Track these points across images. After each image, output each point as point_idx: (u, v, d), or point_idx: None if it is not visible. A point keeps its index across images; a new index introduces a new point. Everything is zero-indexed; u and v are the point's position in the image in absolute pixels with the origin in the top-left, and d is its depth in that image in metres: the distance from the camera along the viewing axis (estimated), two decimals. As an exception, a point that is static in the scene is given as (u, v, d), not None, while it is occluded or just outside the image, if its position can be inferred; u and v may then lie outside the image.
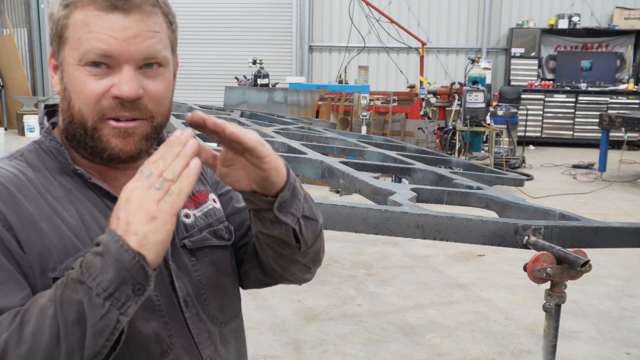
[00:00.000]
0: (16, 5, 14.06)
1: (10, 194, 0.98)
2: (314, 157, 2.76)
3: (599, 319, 4.14)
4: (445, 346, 3.71)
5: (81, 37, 0.98)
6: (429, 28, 13.37)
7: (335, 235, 5.75)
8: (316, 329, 3.89)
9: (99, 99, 0.99)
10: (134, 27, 0.98)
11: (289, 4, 13.40)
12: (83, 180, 1.06)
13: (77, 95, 1.00)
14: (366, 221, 1.61)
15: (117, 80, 0.98)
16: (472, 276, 4.93)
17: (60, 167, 1.06)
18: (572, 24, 12.63)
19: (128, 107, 1.00)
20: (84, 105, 1.00)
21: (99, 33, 0.97)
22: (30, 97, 13.08)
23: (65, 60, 1.01)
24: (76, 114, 1.01)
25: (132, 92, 0.98)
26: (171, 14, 1.06)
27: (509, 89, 11.90)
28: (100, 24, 0.97)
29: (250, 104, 9.07)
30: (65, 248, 0.98)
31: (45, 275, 0.96)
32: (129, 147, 1.03)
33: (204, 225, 1.17)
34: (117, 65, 0.98)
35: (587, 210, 7.07)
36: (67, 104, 1.03)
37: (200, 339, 1.11)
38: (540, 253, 1.51)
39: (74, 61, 0.99)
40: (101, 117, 1.00)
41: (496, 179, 3.16)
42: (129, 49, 0.97)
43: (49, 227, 0.98)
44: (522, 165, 9.94)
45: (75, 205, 1.03)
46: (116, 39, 0.97)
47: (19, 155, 1.07)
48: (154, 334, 1.03)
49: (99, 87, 0.99)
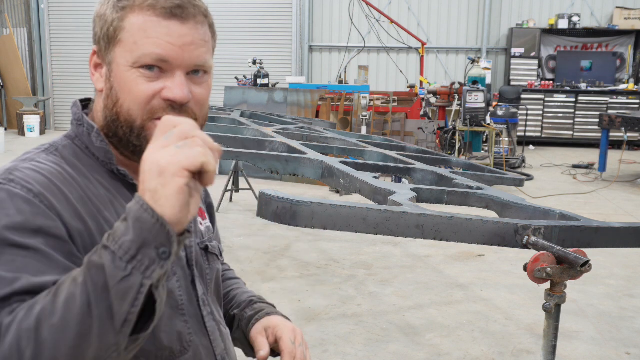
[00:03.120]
0: (16, 5, 14.05)
1: (58, 189, 0.98)
2: (314, 157, 2.76)
3: (599, 319, 4.14)
4: (445, 346, 3.71)
5: (138, 41, 1.01)
6: (429, 28, 13.36)
7: (335, 235, 5.75)
8: (316, 329, 3.89)
9: (149, 99, 1.02)
10: (189, 35, 1.02)
11: (289, 4, 13.40)
12: (122, 180, 1.07)
13: (128, 95, 1.02)
14: (366, 221, 1.61)
15: (170, 84, 1.02)
16: (472, 276, 4.93)
17: (98, 165, 1.07)
18: (572, 24, 12.63)
19: (177, 109, 1.03)
20: (134, 105, 1.03)
21: (157, 39, 1.00)
22: (30, 97, 13.08)
23: (115, 60, 1.03)
24: (124, 113, 1.04)
25: (184, 96, 1.02)
26: (214, 25, 1.12)
27: (509, 89, 11.90)
28: (159, 30, 1.00)
29: (250, 104, 9.07)
30: None
31: None
32: None
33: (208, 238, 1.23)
34: (170, 70, 1.02)
35: (587, 210, 7.07)
36: (112, 103, 1.05)
37: (214, 337, 1.15)
38: (540, 253, 1.51)
39: (126, 62, 1.02)
40: (150, 116, 1.03)
41: (496, 179, 3.16)
42: (184, 55, 1.02)
43: (93, 225, 0.99)
44: (522, 165, 9.95)
45: (114, 205, 1.04)
46: (173, 45, 1.01)
47: (53, 150, 1.06)
48: (176, 332, 1.06)
49: (151, 89, 1.02)
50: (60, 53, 13.88)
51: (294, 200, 1.59)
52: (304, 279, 4.79)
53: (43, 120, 13.00)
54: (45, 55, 13.85)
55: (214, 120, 4.26)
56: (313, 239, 5.82)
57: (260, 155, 2.82)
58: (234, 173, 7.07)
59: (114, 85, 1.04)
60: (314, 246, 5.63)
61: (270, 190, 1.67)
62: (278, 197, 1.60)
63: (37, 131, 12.68)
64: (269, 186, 8.01)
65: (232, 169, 7.08)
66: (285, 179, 8.62)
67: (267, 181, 8.49)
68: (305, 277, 4.82)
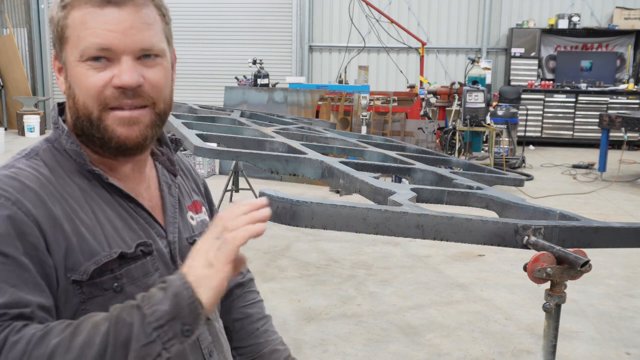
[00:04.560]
0: (16, 5, 14.05)
1: (36, 194, 0.99)
2: (314, 157, 2.76)
3: (599, 319, 4.14)
4: (445, 346, 3.71)
5: (80, 34, 1.01)
6: (429, 28, 13.36)
7: (335, 235, 5.75)
8: (316, 329, 3.89)
9: (101, 90, 1.03)
10: (128, 20, 1.02)
11: (289, 4, 13.39)
12: (98, 179, 1.08)
13: (81, 90, 1.04)
14: (366, 221, 1.61)
15: (117, 71, 1.02)
16: (472, 276, 4.93)
17: (76, 167, 1.08)
18: (572, 24, 12.63)
19: (130, 94, 1.04)
20: (88, 98, 1.03)
21: (95, 29, 1.01)
22: (30, 97, 13.08)
23: (67, 59, 1.04)
24: (81, 108, 1.05)
25: (132, 80, 1.02)
26: (163, 7, 1.09)
27: (509, 89, 11.90)
28: (96, 20, 1.01)
29: (250, 104, 9.07)
30: (84, 250, 1.00)
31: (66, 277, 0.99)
32: (134, 135, 1.06)
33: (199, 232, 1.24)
34: (115, 57, 1.02)
35: (587, 210, 7.07)
36: (72, 101, 1.06)
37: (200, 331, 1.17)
38: (540, 253, 1.51)
39: (75, 58, 1.03)
40: (104, 106, 1.04)
41: (496, 179, 3.16)
42: (126, 40, 1.02)
43: (70, 228, 1.00)
44: (522, 165, 9.94)
45: (91, 206, 1.05)
46: (112, 32, 1.01)
47: (34, 154, 1.08)
48: None
49: (101, 79, 1.02)
50: (60, 53, 13.89)
51: (294, 200, 1.59)
52: (304, 279, 4.79)
53: (43, 120, 13.00)
54: (45, 55, 13.85)
55: (214, 120, 4.26)
56: (313, 239, 5.82)
57: (260, 155, 2.82)
58: (234, 173, 7.07)
59: (70, 83, 1.05)
60: (314, 246, 5.63)
61: (270, 190, 1.67)
62: (278, 197, 1.60)
63: (37, 131, 12.67)
64: (269, 186, 8.01)
65: (232, 169, 7.08)
66: (285, 179, 8.62)
67: (267, 181, 8.49)
68: (305, 277, 4.82)
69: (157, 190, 1.19)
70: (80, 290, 0.99)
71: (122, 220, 1.08)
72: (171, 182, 1.23)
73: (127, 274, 1.04)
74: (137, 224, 1.10)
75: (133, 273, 1.05)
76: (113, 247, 1.03)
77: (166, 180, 1.22)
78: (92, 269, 1.00)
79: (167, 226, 1.16)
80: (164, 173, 1.23)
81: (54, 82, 14.02)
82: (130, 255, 1.05)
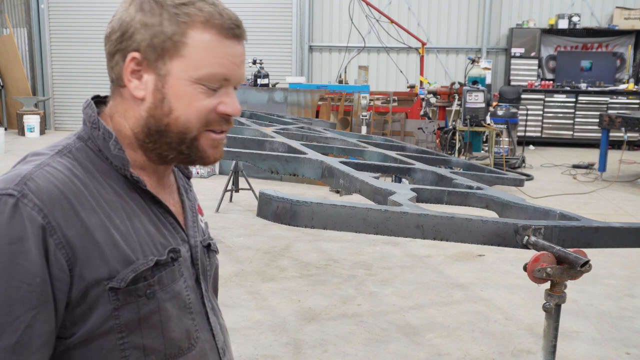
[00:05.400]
0: (16, 5, 14.05)
1: (69, 203, 0.98)
2: (314, 157, 2.76)
3: (599, 319, 4.14)
4: (445, 346, 3.71)
5: (204, 59, 1.04)
6: (429, 28, 13.36)
7: (335, 235, 5.76)
8: (316, 329, 3.89)
9: (207, 113, 1.06)
10: (243, 55, 1.09)
11: (289, 4, 13.40)
12: (134, 185, 1.08)
13: (187, 108, 1.05)
14: (366, 221, 1.61)
15: (225, 99, 1.07)
16: (472, 276, 4.93)
17: (111, 169, 1.07)
18: (572, 24, 12.63)
19: (228, 122, 1.10)
20: (193, 118, 1.06)
21: (222, 59, 1.05)
22: (30, 97, 13.07)
23: (171, 72, 1.05)
24: (180, 125, 1.06)
25: (238, 110, 1.09)
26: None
27: (509, 89, 11.90)
28: (222, 50, 1.05)
29: (250, 104, 9.07)
30: (118, 258, 1.00)
31: (100, 285, 0.99)
32: (218, 155, 1.12)
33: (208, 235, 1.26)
34: (225, 86, 1.07)
35: (587, 210, 7.07)
36: (162, 114, 1.06)
37: (216, 331, 1.18)
38: (540, 253, 1.51)
39: (189, 77, 1.04)
40: (205, 128, 1.08)
41: (496, 179, 3.16)
42: (239, 74, 1.08)
43: (103, 236, 1.00)
44: (522, 165, 9.94)
45: (126, 211, 1.05)
46: (234, 65, 1.07)
47: (67, 151, 1.06)
48: (185, 330, 1.09)
49: (210, 104, 1.06)
50: (60, 53, 13.88)
51: (294, 200, 1.60)
52: (304, 279, 4.79)
53: (43, 120, 13.00)
54: (45, 55, 13.85)
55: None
56: (313, 239, 5.82)
57: (260, 155, 2.82)
58: (234, 173, 7.07)
59: (166, 96, 1.05)
60: (314, 246, 5.63)
61: (270, 190, 1.67)
62: (278, 197, 1.60)
63: (37, 131, 12.68)
64: (269, 186, 8.01)
65: (232, 169, 7.08)
66: (285, 179, 8.62)
67: (267, 181, 8.49)
68: (305, 277, 4.82)
69: (177, 194, 1.21)
70: (115, 297, 1.00)
71: (154, 226, 1.08)
72: (187, 185, 1.25)
73: (159, 280, 1.05)
74: (166, 230, 1.11)
75: (164, 279, 1.06)
76: (147, 254, 1.04)
77: (183, 184, 1.23)
78: (131, 277, 1.00)
79: (188, 230, 1.17)
80: (180, 176, 1.25)
81: (54, 82, 14.03)
82: (162, 262, 1.06)
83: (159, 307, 1.03)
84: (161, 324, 1.04)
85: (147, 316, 1.02)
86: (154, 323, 1.03)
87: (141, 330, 1.01)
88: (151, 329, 1.03)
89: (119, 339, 1.00)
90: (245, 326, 3.91)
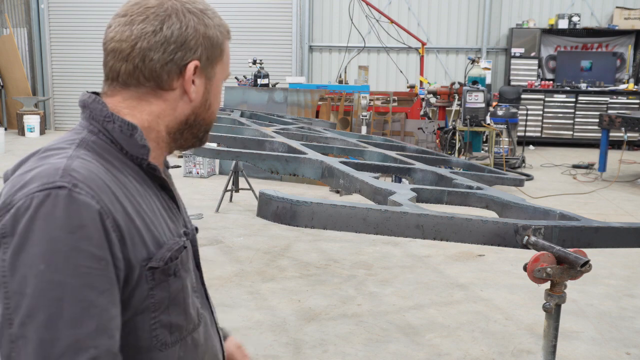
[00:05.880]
0: (16, 5, 14.05)
1: (110, 190, 1.02)
2: (314, 157, 2.76)
3: (599, 319, 4.14)
4: (445, 346, 3.71)
5: (228, 62, 1.25)
6: (429, 28, 13.36)
7: (335, 235, 5.76)
8: (316, 329, 3.89)
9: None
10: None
11: (289, 4, 13.39)
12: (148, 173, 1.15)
13: (217, 102, 1.25)
14: (366, 221, 1.61)
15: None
16: (472, 276, 4.93)
17: (126, 159, 1.11)
18: (572, 24, 12.63)
19: None
20: (217, 109, 1.26)
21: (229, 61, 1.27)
22: (30, 97, 13.07)
23: (216, 75, 1.21)
24: (212, 117, 1.25)
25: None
26: None
27: (509, 89, 11.90)
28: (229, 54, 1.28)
29: (250, 104, 9.07)
30: (152, 240, 1.08)
31: (140, 267, 1.04)
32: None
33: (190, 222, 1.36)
34: None
35: (587, 210, 7.07)
36: (205, 111, 1.22)
37: (213, 309, 1.31)
38: (540, 253, 1.51)
39: (222, 77, 1.24)
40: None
41: (496, 179, 3.16)
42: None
43: (139, 221, 1.06)
44: (522, 165, 9.95)
45: (148, 197, 1.12)
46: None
47: (84, 144, 1.08)
48: (195, 307, 1.19)
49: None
50: (60, 53, 13.88)
51: (294, 200, 1.60)
52: (304, 279, 4.79)
53: (43, 120, 13.00)
54: (45, 55, 13.85)
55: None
56: (313, 239, 5.83)
57: (260, 155, 2.82)
58: (234, 173, 7.07)
59: (209, 95, 1.21)
60: (314, 246, 5.63)
61: (270, 190, 1.67)
62: (278, 197, 1.60)
63: (37, 131, 12.67)
64: (269, 186, 8.01)
65: (232, 169, 7.08)
66: (285, 179, 8.62)
67: (267, 181, 8.49)
68: (305, 277, 4.82)
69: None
70: (152, 277, 1.05)
71: (166, 212, 1.16)
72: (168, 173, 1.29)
73: (181, 260, 1.13)
74: (173, 215, 1.19)
75: (183, 259, 1.14)
76: (168, 237, 1.12)
77: (166, 172, 1.27)
78: (167, 256, 1.08)
79: (184, 216, 1.26)
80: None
81: (54, 82, 14.03)
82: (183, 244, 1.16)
83: (182, 285, 1.11)
84: (184, 301, 1.12)
85: (175, 294, 1.09)
86: (179, 300, 1.10)
87: (169, 308, 1.08)
88: (177, 307, 1.10)
89: (152, 318, 1.05)
90: (245, 326, 3.91)
